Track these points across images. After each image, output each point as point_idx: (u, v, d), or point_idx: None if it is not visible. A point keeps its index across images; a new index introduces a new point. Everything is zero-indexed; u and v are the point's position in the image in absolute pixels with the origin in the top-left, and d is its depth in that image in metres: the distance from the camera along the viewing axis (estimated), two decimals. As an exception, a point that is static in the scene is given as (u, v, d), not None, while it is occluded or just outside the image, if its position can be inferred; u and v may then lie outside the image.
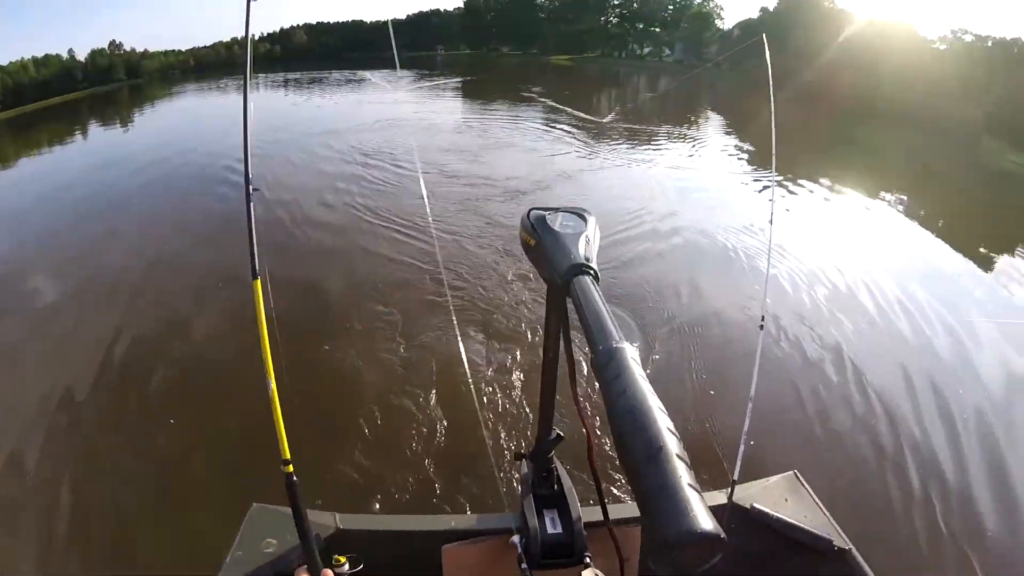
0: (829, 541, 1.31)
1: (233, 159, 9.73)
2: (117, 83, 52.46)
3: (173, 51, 62.91)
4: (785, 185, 8.72)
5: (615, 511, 1.02)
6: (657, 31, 50.14)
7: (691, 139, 13.80)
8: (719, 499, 1.39)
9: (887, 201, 8.87)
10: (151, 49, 60.98)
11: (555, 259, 0.77)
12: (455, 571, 1.30)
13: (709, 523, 0.39)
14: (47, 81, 47.07)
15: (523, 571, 1.13)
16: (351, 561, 1.12)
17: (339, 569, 1.09)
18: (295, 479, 1.04)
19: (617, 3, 53.93)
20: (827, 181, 9.37)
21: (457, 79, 31.35)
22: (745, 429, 1.43)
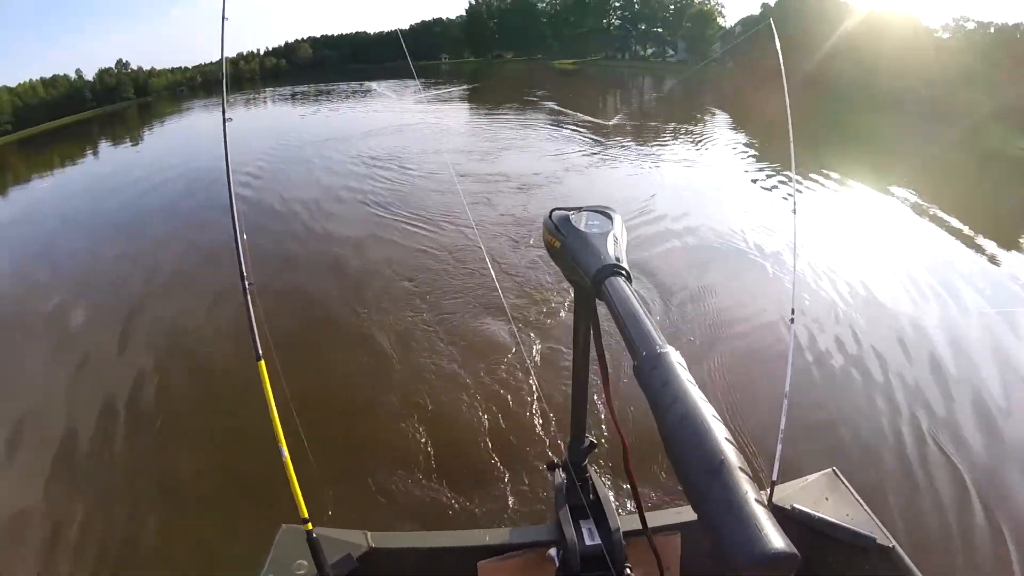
0: (872, 539, 1.27)
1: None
2: (126, 102, 53.62)
3: (180, 68, 64.59)
4: (797, 177, 8.61)
5: (652, 518, 0.98)
6: (659, 31, 50.14)
7: (698, 135, 13.79)
8: None
9: (900, 190, 8.71)
10: (158, 67, 62.56)
11: (583, 260, 0.74)
12: None
13: (781, 542, 0.37)
14: (56, 101, 48.10)
15: None
16: None
17: None
18: (315, 536, 1.07)
19: (618, 4, 54.06)
20: (836, 174, 9.24)
21: (463, 86, 31.59)
22: (781, 428, 1.40)
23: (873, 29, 21.83)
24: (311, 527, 1.04)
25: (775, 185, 8.74)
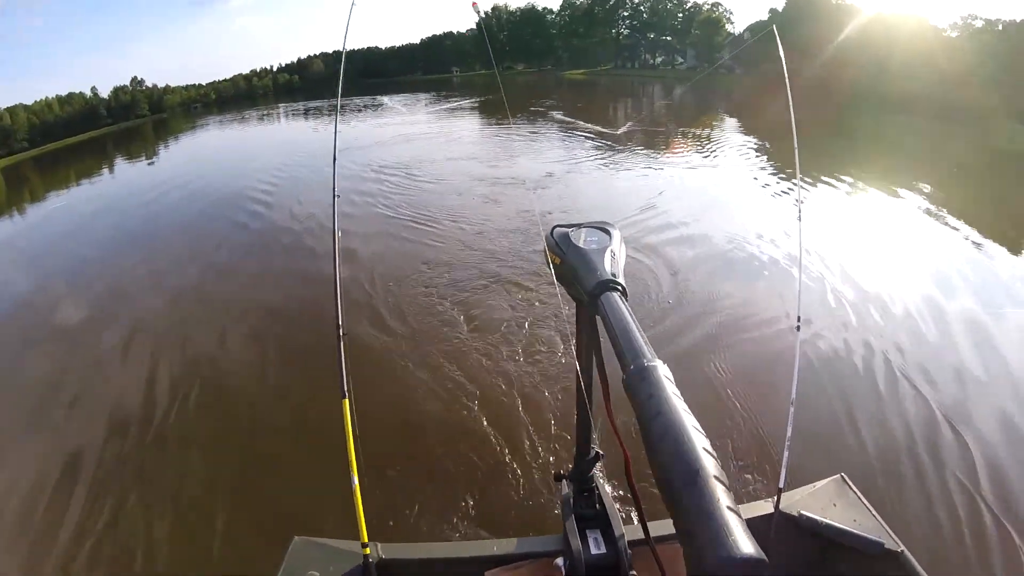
0: (880, 544, 1.27)
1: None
2: (140, 118, 54.67)
3: (194, 85, 65.41)
4: (805, 180, 8.59)
5: (656, 528, 1.01)
6: (668, 39, 50.22)
7: (707, 140, 13.81)
8: (766, 508, 1.36)
9: (911, 193, 8.58)
10: (172, 84, 63.71)
11: (581, 276, 0.77)
12: None
13: (750, 547, 0.39)
14: (72, 119, 49.11)
15: None
16: None
17: None
18: (371, 561, 1.14)
19: (627, 14, 54.30)
20: (848, 177, 9.16)
21: (475, 98, 31.82)
22: (788, 435, 1.39)
23: (882, 30, 21.73)
24: (368, 552, 1.12)
25: (784, 191, 8.69)
